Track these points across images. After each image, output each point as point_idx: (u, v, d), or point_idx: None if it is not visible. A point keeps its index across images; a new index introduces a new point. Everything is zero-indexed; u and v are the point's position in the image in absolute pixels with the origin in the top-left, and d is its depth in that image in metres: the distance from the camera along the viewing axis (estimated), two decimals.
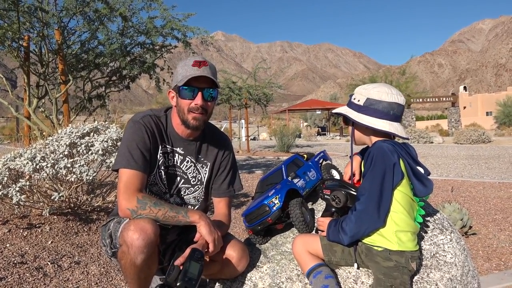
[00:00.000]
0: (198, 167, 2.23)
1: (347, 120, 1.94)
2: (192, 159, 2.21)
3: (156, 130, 2.10)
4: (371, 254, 1.83)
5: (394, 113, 1.83)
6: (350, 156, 2.12)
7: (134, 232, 1.78)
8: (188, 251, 1.77)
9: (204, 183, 2.26)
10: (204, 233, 1.86)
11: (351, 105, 1.91)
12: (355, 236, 1.81)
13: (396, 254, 1.77)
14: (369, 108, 1.84)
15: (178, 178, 2.21)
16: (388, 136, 1.89)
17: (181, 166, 2.20)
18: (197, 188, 2.25)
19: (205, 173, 2.25)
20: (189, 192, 2.24)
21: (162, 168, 2.14)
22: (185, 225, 1.93)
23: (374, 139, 1.88)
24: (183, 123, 2.10)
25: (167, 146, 2.15)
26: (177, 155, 2.18)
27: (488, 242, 4.40)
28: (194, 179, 2.23)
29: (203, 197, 2.29)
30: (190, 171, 2.21)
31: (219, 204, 2.29)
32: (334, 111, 2.02)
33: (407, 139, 1.87)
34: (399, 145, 1.82)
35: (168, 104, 2.28)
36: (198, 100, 2.03)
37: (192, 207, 2.27)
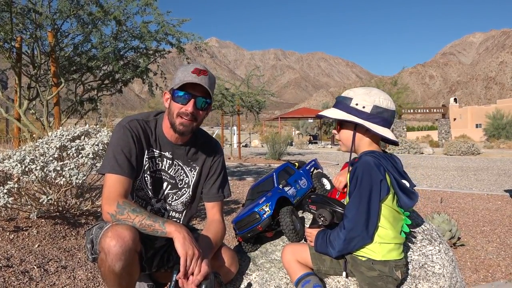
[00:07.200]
0: (186, 170, 2.22)
1: (341, 124, 1.89)
2: (180, 163, 2.20)
3: (143, 134, 2.09)
4: (355, 264, 1.84)
5: (392, 121, 1.85)
6: (349, 163, 2.07)
7: (111, 239, 1.73)
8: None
9: (191, 187, 2.24)
10: (177, 245, 1.76)
11: (351, 110, 1.82)
12: (343, 251, 1.81)
13: (380, 264, 1.78)
14: (377, 116, 1.79)
15: (165, 184, 2.19)
16: (376, 144, 1.88)
17: (169, 171, 2.18)
18: (184, 192, 2.24)
19: (193, 177, 2.24)
20: (176, 198, 2.23)
21: (148, 172, 2.13)
22: None
23: (363, 147, 1.86)
24: (171, 126, 2.08)
25: (155, 150, 2.14)
26: (165, 159, 2.16)
27: (476, 253, 4.43)
28: (181, 182, 2.22)
29: (189, 202, 2.27)
30: (178, 174, 2.20)
31: (212, 210, 2.26)
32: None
33: (397, 144, 1.84)
34: (385, 157, 1.80)
35: (160, 109, 2.27)
36: (190, 106, 2.02)
37: (179, 214, 2.26)
